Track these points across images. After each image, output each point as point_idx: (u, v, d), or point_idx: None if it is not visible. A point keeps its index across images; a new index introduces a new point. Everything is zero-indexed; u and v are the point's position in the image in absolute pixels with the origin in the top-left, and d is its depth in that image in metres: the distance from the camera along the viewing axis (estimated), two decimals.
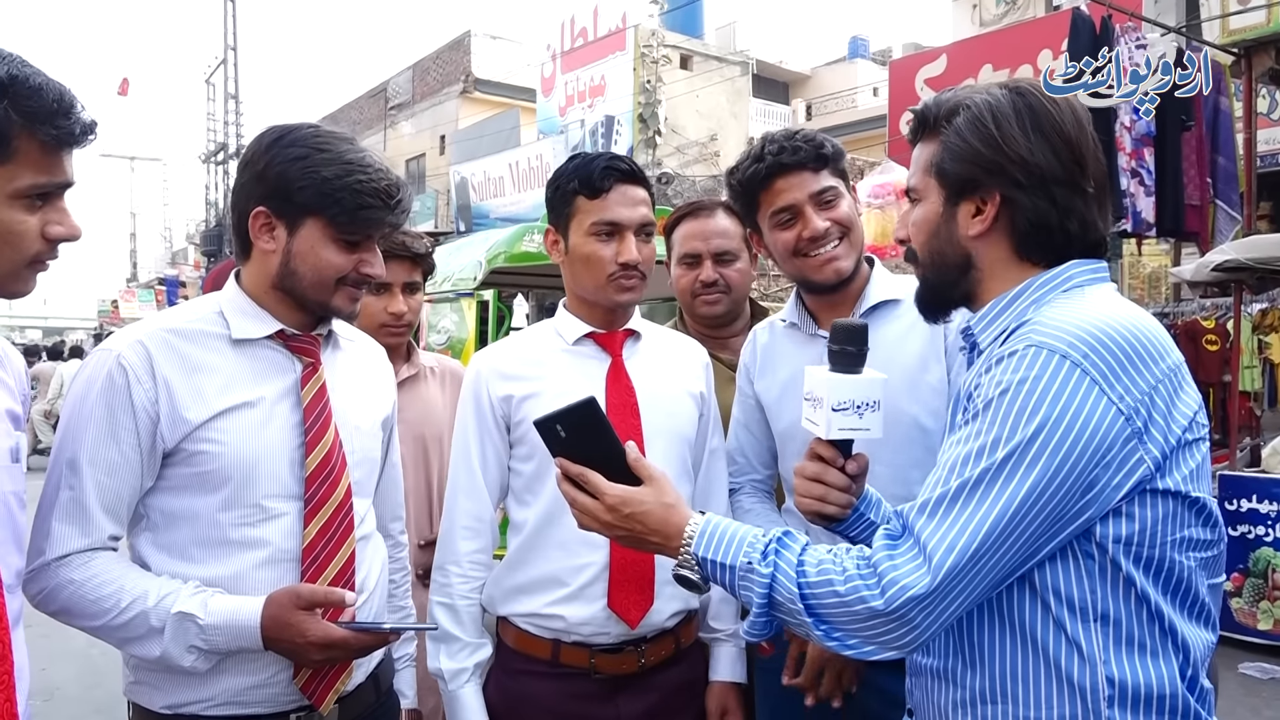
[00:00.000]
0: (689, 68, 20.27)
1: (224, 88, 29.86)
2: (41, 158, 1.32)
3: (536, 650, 1.95)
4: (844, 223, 2.00)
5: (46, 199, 1.35)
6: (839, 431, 1.45)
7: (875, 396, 1.45)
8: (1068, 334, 1.23)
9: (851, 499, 1.55)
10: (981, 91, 1.40)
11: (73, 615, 1.60)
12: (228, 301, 1.74)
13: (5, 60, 1.28)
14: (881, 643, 1.25)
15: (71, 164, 1.38)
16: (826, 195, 1.99)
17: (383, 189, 1.67)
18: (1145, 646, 1.25)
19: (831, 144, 2.03)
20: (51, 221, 1.36)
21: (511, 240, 7.01)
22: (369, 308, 2.59)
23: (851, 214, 2.02)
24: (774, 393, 2.14)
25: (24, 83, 1.28)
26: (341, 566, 1.70)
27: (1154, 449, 1.21)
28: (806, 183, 1.99)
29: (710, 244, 2.54)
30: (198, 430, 1.63)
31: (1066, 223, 1.35)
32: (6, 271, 1.36)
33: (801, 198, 1.99)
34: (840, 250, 1.99)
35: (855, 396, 1.44)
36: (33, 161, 1.31)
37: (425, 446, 2.72)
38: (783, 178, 2.00)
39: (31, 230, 1.34)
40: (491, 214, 18.50)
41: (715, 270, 2.54)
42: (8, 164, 1.29)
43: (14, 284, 1.38)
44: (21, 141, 1.29)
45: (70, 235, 1.38)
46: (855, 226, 2.02)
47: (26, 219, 1.33)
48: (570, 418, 1.47)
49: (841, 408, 1.43)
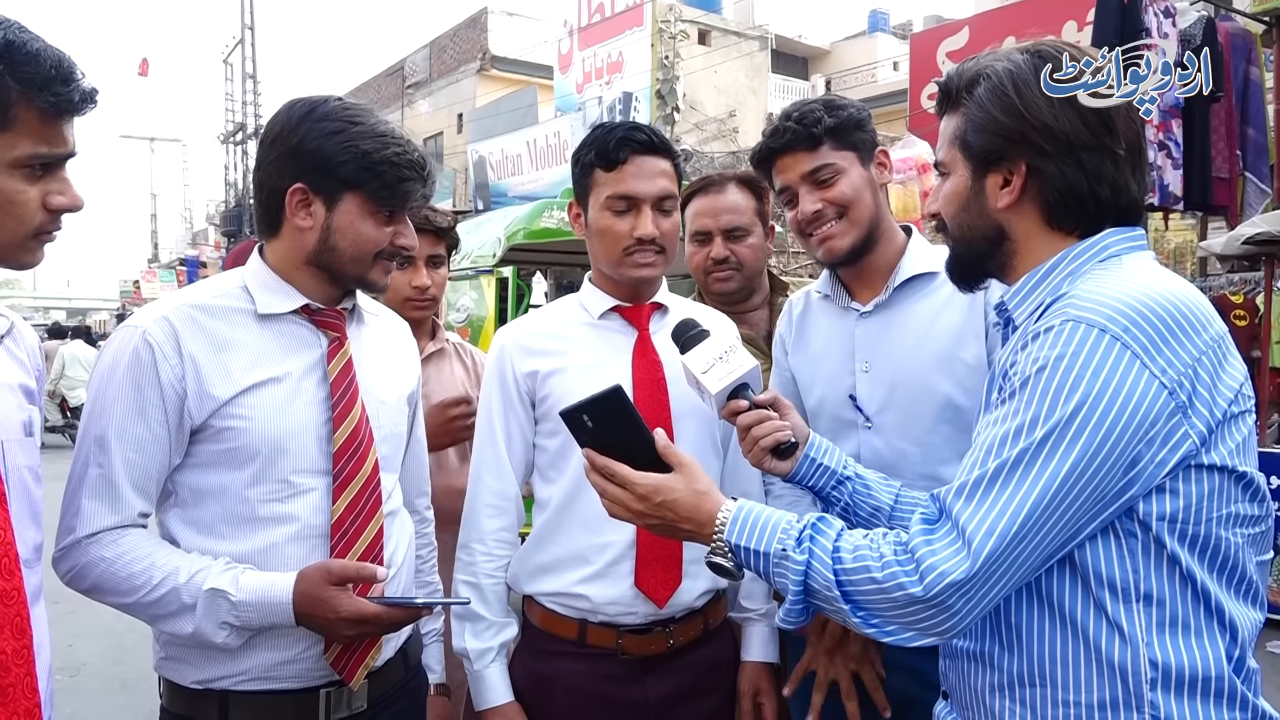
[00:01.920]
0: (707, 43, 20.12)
1: (242, 68, 29.87)
2: (40, 126, 1.31)
3: (563, 630, 1.93)
4: (839, 201, 1.92)
5: (48, 169, 1.34)
6: (723, 380, 1.62)
7: (729, 341, 1.67)
8: (1107, 307, 1.19)
9: (790, 427, 1.64)
10: (1002, 58, 1.36)
11: (104, 592, 1.61)
12: (252, 276, 1.73)
13: (3, 26, 1.26)
14: (921, 629, 1.23)
15: (72, 134, 1.37)
16: (821, 174, 1.92)
17: (416, 160, 1.68)
18: (1190, 627, 1.22)
19: (834, 117, 1.93)
20: (53, 191, 1.35)
21: (530, 217, 7.01)
22: (394, 282, 2.58)
23: (851, 191, 1.92)
24: (806, 368, 2.12)
25: (21, 49, 1.26)
26: (370, 541, 1.70)
27: (1199, 423, 1.18)
28: (800, 163, 1.94)
29: (720, 220, 2.51)
30: (225, 406, 1.62)
31: (1097, 189, 1.31)
32: (9, 242, 1.35)
33: (794, 179, 1.95)
34: (836, 229, 1.93)
35: (713, 352, 1.65)
36: (32, 130, 1.30)
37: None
38: (780, 158, 1.97)
39: (32, 200, 1.33)
40: (510, 192, 18.45)
41: (726, 247, 2.51)
42: (6, 132, 1.28)
43: (19, 255, 1.38)
44: (20, 109, 1.28)
45: (72, 205, 1.37)
46: (856, 203, 1.92)
47: (27, 189, 1.32)
48: (596, 407, 1.46)
49: (710, 366, 1.63)
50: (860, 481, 1.66)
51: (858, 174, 1.94)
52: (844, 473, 1.65)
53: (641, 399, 1.90)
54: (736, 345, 1.68)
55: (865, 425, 1.95)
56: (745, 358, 1.65)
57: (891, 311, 1.96)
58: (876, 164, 1.99)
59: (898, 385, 1.91)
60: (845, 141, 1.94)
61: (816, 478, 1.65)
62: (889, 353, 1.94)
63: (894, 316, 1.95)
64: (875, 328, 1.97)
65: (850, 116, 1.95)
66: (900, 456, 1.90)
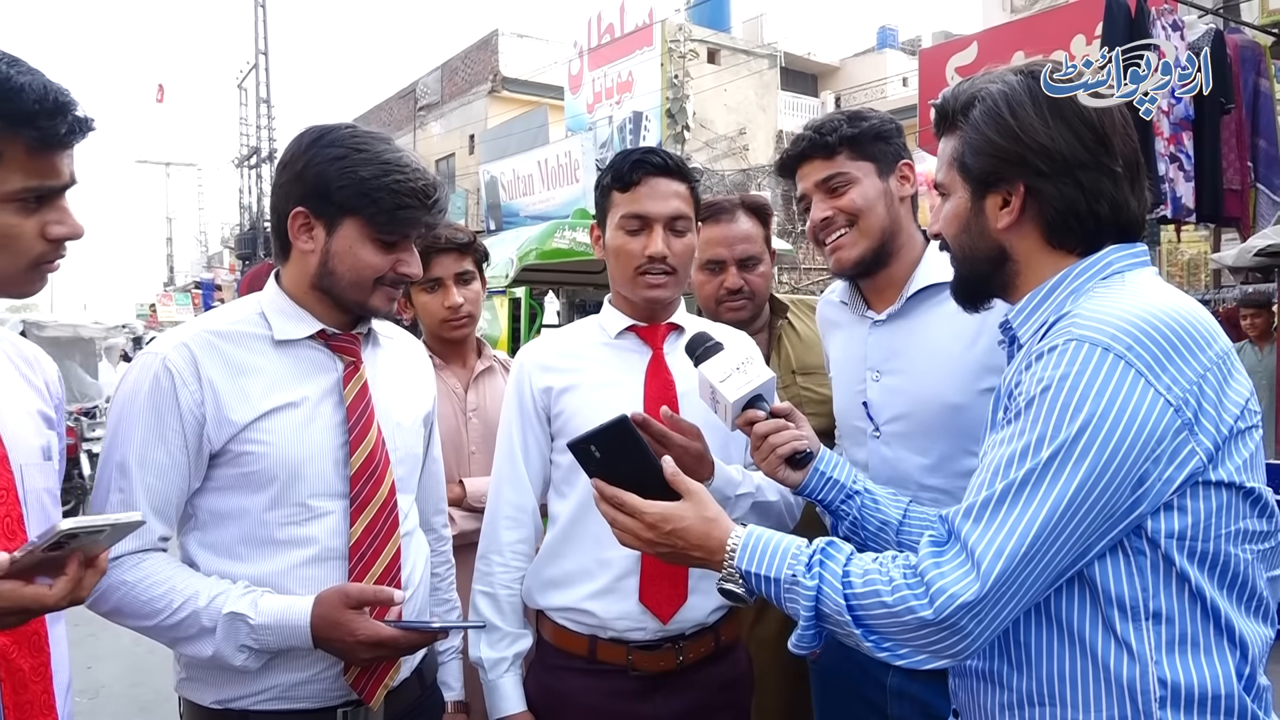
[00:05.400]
0: (716, 61, 20.21)
1: (256, 92, 30.18)
2: (29, 160, 1.31)
3: (573, 646, 1.95)
4: (849, 210, 1.92)
5: (44, 200, 1.35)
6: (740, 390, 1.65)
7: (745, 353, 1.70)
8: (1109, 325, 1.20)
9: (806, 437, 1.66)
10: (997, 80, 1.38)
11: (125, 616, 1.63)
12: (268, 302, 1.76)
13: None
14: (933, 652, 1.23)
15: (68, 164, 1.37)
16: (833, 182, 1.93)
17: (420, 189, 1.68)
18: (1199, 645, 1.22)
19: (854, 127, 1.94)
20: (51, 222, 1.36)
21: (543, 237, 7.04)
22: (427, 306, 2.61)
23: (862, 200, 1.92)
24: (828, 373, 2.14)
25: (4, 84, 1.27)
26: (388, 564, 1.72)
27: (1206, 440, 1.18)
28: (816, 170, 1.96)
29: (734, 250, 2.51)
30: (243, 431, 1.65)
31: (1096, 206, 1.32)
32: (9, 274, 1.36)
33: (810, 186, 1.98)
34: (846, 239, 1.93)
35: (730, 363, 1.68)
36: (20, 164, 1.31)
37: None
38: (800, 166, 2.00)
39: (28, 232, 1.34)
40: (521, 212, 18.53)
41: (740, 277, 2.51)
42: None
43: (19, 285, 1.39)
44: (5, 145, 1.29)
45: (72, 234, 1.39)
46: (867, 213, 1.92)
47: (20, 222, 1.33)
48: (603, 437, 1.47)
49: (727, 376, 1.66)
50: (869, 496, 1.66)
51: (872, 185, 1.94)
52: (853, 487, 1.66)
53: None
54: (754, 357, 1.71)
55: (874, 434, 1.96)
56: (762, 369, 1.68)
57: (904, 321, 1.96)
58: (899, 177, 1.97)
59: (907, 395, 1.91)
60: (863, 152, 1.94)
61: (826, 491, 1.66)
62: (900, 362, 1.94)
63: (907, 326, 1.95)
64: (887, 337, 1.97)
65: (870, 128, 1.95)
66: (908, 467, 1.90)
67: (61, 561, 1.22)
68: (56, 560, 1.22)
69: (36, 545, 1.19)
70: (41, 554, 1.20)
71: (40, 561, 1.21)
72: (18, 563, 1.19)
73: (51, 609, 1.24)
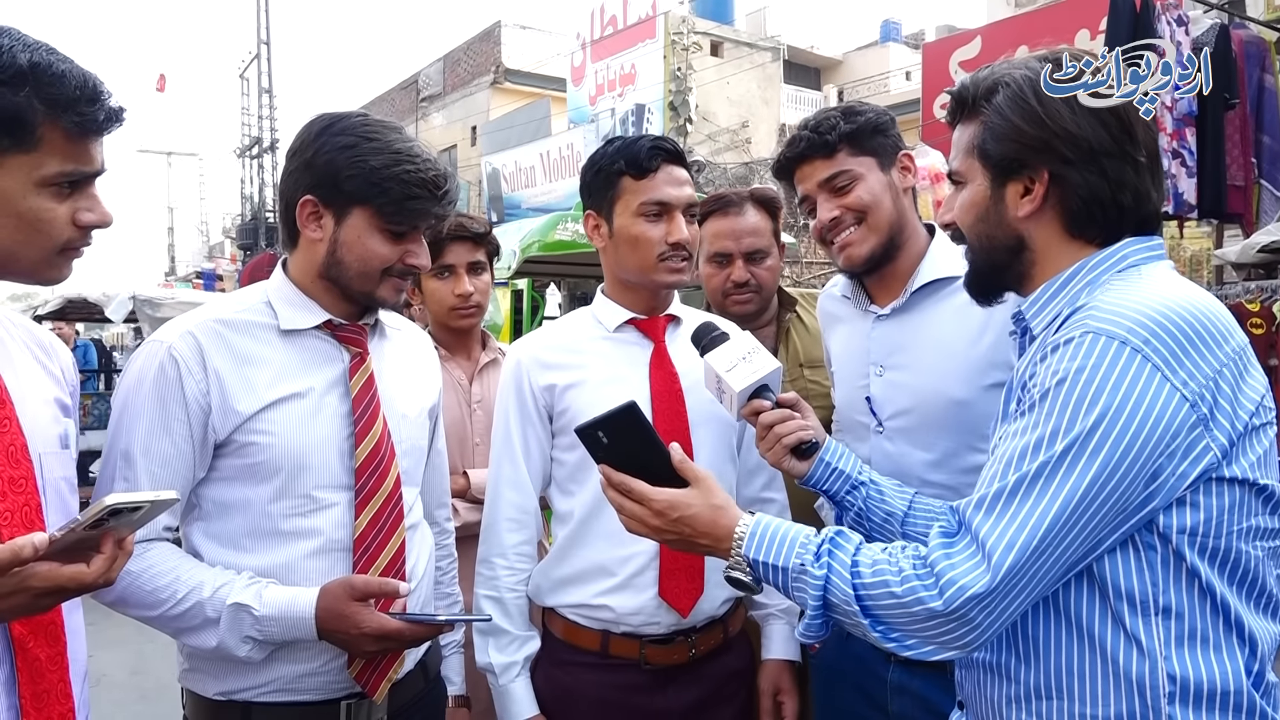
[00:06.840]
0: (719, 54, 20.18)
1: (258, 82, 30.07)
2: (67, 145, 1.33)
3: (585, 641, 1.94)
4: (857, 207, 1.89)
5: (76, 186, 1.36)
6: (747, 379, 1.67)
7: (750, 344, 1.72)
8: (1126, 318, 1.19)
9: (813, 428, 1.69)
10: (1020, 66, 1.36)
11: (129, 605, 1.63)
12: (275, 291, 1.75)
13: (28, 48, 1.28)
14: (941, 643, 1.23)
15: (100, 151, 1.39)
16: (838, 181, 1.90)
17: (430, 179, 1.67)
18: (1209, 641, 1.21)
19: (851, 123, 1.91)
20: (82, 209, 1.37)
21: (545, 229, 7.04)
22: (436, 293, 2.61)
23: (869, 196, 1.89)
24: (828, 368, 2.13)
25: (46, 70, 1.28)
26: (393, 556, 1.71)
27: (1220, 435, 1.18)
28: (817, 171, 1.92)
29: (742, 243, 2.50)
30: (248, 422, 1.64)
31: (1120, 196, 1.31)
32: (38, 259, 1.37)
33: (812, 187, 1.94)
34: (855, 236, 1.91)
35: (736, 353, 1.70)
36: (59, 149, 1.32)
37: None
38: (799, 168, 1.96)
39: (61, 218, 1.35)
40: (523, 204, 18.52)
41: (747, 270, 2.50)
42: (34, 152, 1.30)
43: (47, 271, 1.40)
44: (46, 129, 1.30)
45: (101, 222, 1.39)
46: (874, 209, 1.89)
47: (55, 206, 1.34)
48: (612, 423, 1.46)
49: (733, 366, 1.68)
50: (874, 487, 1.66)
51: (876, 179, 1.91)
52: (858, 478, 1.66)
53: (659, 410, 1.91)
54: (759, 347, 1.72)
55: (877, 429, 1.95)
56: (768, 359, 1.69)
57: (908, 315, 1.94)
58: (899, 168, 1.95)
59: (911, 390, 1.90)
60: (863, 147, 1.91)
61: (831, 482, 1.66)
62: (904, 357, 1.93)
63: (911, 320, 1.94)
64: (891, 331, 1.95)
65: (868, 121, 1.93)
66: (911, 462, 1.89)
67: (94, 542, 1.22)
68: (89, 541, 1.22)
69: (80, 522, 1.19)
70: (82, 532, 1.19)
71: (78, 541, 1.21)
72: (58, 541, 1.19)
73: (89, 589, 1.24)
